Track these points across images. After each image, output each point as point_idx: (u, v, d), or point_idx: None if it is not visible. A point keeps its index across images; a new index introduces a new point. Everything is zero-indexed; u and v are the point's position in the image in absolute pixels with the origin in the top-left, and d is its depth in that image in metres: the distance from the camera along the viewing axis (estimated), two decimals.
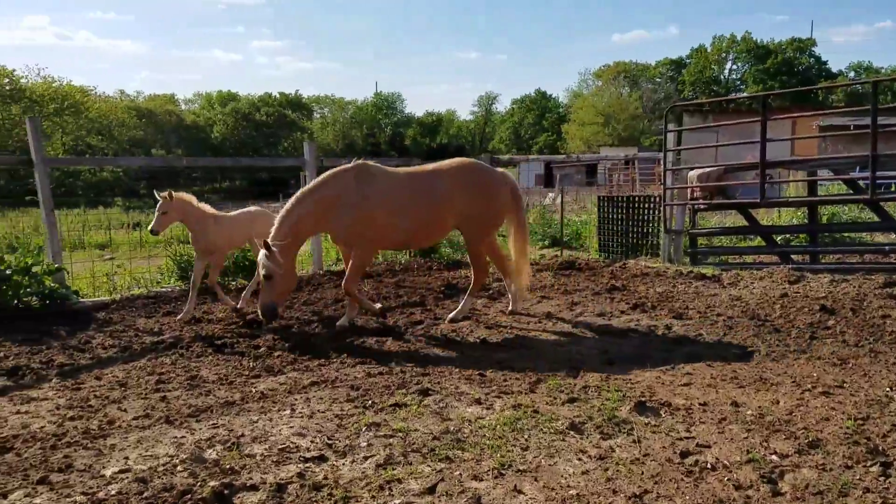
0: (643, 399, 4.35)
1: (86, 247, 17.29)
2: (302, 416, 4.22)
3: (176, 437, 3.95)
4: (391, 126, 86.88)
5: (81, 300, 7.45)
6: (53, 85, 55.19)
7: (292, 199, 6.12)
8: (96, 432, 4.01)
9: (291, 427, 4.04)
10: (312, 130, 75.80)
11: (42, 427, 4.09)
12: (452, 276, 9.55)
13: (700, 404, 4.32)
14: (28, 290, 6.72)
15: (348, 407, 4.37)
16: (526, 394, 4.57)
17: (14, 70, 53.73)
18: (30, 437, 3.92)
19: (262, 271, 5.93)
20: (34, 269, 6.79)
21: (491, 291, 8.34)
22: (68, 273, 7.82)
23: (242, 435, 3.93)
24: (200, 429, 4.06)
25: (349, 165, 6.33)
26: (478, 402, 4.42)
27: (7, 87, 52.27)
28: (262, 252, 5.89)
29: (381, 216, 6.16)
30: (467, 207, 6.47)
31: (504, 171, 6.99)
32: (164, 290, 8.35)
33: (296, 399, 4.54)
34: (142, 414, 4.32)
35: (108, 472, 3.48)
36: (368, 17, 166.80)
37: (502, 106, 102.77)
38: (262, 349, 5.74)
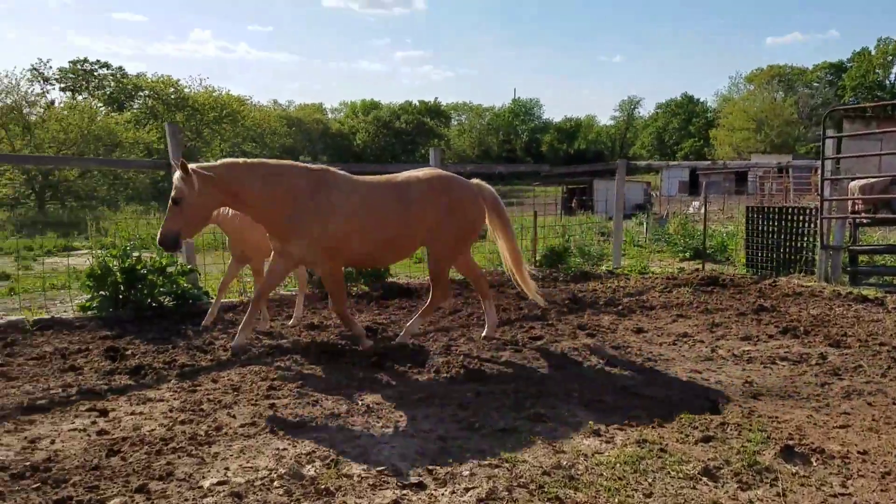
0: (791, 443, 3.75)
1: (218, 248, 18.19)
2: (405, 436, 3.98)
3: (278, 448, 3.83)
4: (528, 132, 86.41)
5: (211, 301, 7.68)
6: (214, 94, 59.47)
7: (255, 163, 5.51)
8: (203, 438, 3.97)
9: (393, 447, 3.82)
10: (449, 137, 76.92)
11: (152, 430, 4.11)
12: (579, 289, 9.06)
13: (859, 452, 3.67)
14: (162, 289, 6.99)
15: (454, 428, 4.09)
16: (653, 427, 4.09)
17: (179, 80, 58.53)
18: (138, 440, 3.93)
19: (172, 193, 5.28)
20: (169, 269, 7.05)
21: (620, 307, 7.79)
22: (200, 274, 8.11)
23: (343, 452, 3.75)
24: (303, 441, 3.92)
25: (313, 166, 5.81)
26: (596, 433, 3.99)
27: (172, 96, 56.93)
28: (178, 173, 5.24)
29: (339, 229, 5.54)
30: (437, 222, 5.88)
31: (479, 181, 6.38)
32: (288, 293, 8.48)
33: (401, 415, 4.32)
34: (249, 421, 4.25)
35: (206, 484, 3.39)
36: (510, 25, 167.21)
37: (645, 110, 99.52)
38: (374, 359, 5.59)
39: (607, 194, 22.37)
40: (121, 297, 6.75)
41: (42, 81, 55.95)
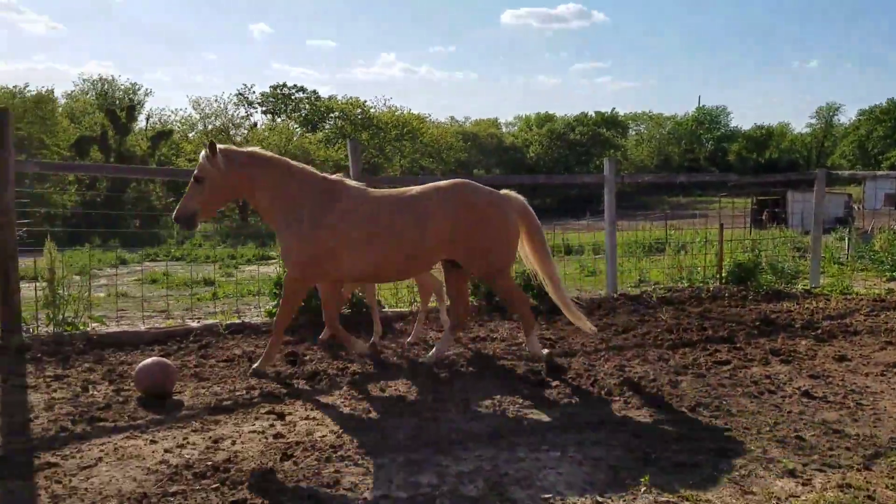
0: None
1: None
2: (573, 462, 3.75)
3: (440, 465, 3.75)
4: (713, 141, 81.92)
5: (383, 309, 7.86)
6: (396, 113, 62.43)
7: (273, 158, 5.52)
8: (370, 448, 3.99)
9: (560, 473, 3.61)
10: (626, 148, 74.81)
11: (323, 436, 4.20)
12: (772, 309, 8.26)
13: None
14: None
15: (627, 458, 3.80)
16: (858, 470, 3.56)
17: (365, 101, 62.06)
18: (310, 445, 4.03)
19: (195, 171, 5.33)
20: None
21: (819, 331, 6.98)
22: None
23: (506, 474, 3.60)
24: (465, 459, 3.82)
25: (330, 176, 5.63)
26: (791, 474, 3.53)
27: (359, 117, 60.44)
28: (205, 152, 5.28)
29: (341, 242, 5.34)
30: (458, 234, 5.47)
31: (508, 191, 5.88)
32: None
33: (569, 439, 4.09)
34: (412, 434, 4.23)
35: (369, 496, 3.39)
36: (693, 32, 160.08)
37: (846, 118, 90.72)
38: (541, 376, 5.39)
39: (803, 206, 20.52)
40: (303, 304, 7.09)
41: (246, 105, 61.77)
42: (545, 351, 5.95)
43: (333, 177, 5.68)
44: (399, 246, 5.41)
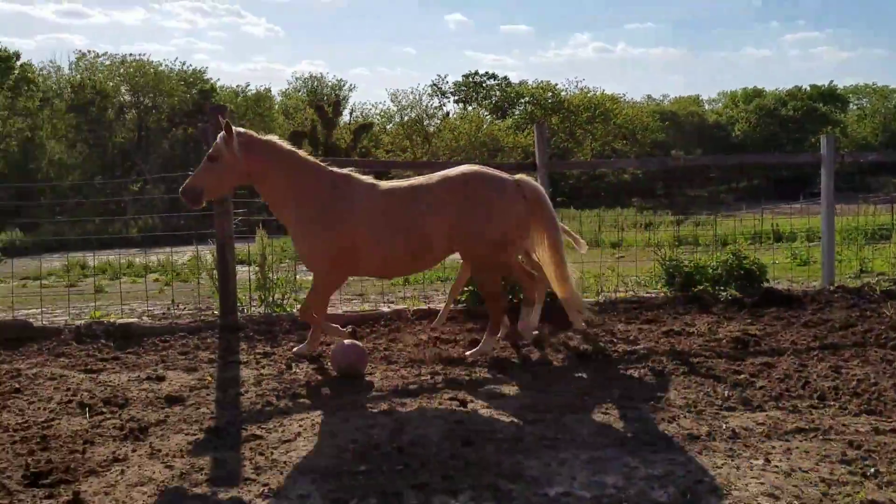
0: None
1: (600, 245, 18.35)
2: (777, 472, 3.40)
3: (628, 465, 3.57)
4: None
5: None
6: (588, 95, 61.06)
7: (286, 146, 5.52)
8: (550, 442, 3.90)
9: (762, 483, 3.28)
10: (846, 124, 67.40)
11: (504, 426, 4.16)
12: None
13: None
14: None
15: (841, 470, 3.38)
16: None
17: (556, 84, 61.37)
18: (491, 434, 4.01)
19: (210, 150, 5.31)
20: None
21: None
22: None
23: (701, 481, 3.33)
24: (655, 461, 3.59)
25: (338, 170, 5.58)
26: None
27: (550, 100, 59.94)
28: (222, 133, 5.24)
29: (345, 237, 5.35)
30: (461, 224, 5.35)
31: (522, 176, 5.66)
32: (648, 295, 8.11)
33: (773, 447, 3.71)
34: (596, 430, 4.07)
35: (551, 492, 3.29)
36: None
37: None
38: (743, 376, 4.95)
39: None
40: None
41: (440, 95, 63.64)
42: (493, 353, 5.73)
43: (341, 171, 5.67)
44: (406, 241, 5.40)
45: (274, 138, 5.57)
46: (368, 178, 5.62)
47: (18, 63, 44.09)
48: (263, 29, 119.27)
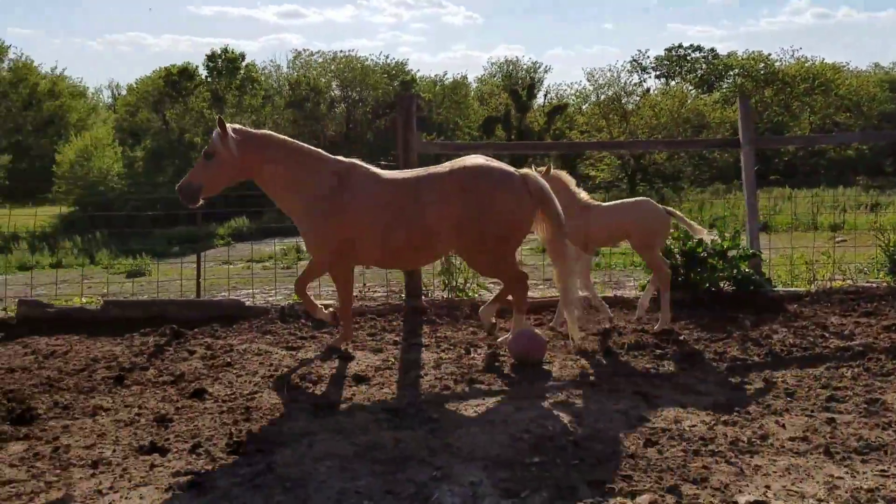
0: None
1: (818, 228, 16.65)
2: None
3: (831, 475, 3.20)
4: None
5: (775, 289, 7.02)
6: (805, 65, 55.50)
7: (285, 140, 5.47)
8: (745, 446, 3.58)
9: None
10: None
11: (692, 426, 3.89)
12: None
13: None
14: (721, 273, 6.68)
15: None
16: None
17: (769, 54, 56.47)
18: (677, 434, 3.76)
19: (206, 147, 5.29)
20: (730, 253, 6.69)
21: None
22: (765, 260, 7.49)
23: None
24: (865, 472, 3.20)
25: (343, 159, 5.46)
26: None
27: (762, 72, 55.32)
28: (217, 130, 5.17)
29: (348, 229, 5.27)
30: (463, 220, 5.15)
31: (527, 170, 5.38)
32: (868, 284, 7.20)
33: None
34: (800, 435, 3.68)
35: (740, 500, 3.02)
36: None
37: None
38: None
39: None
40: (680, 279, 6.70)
41: (640, 71, 61.14)
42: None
43: (346, 161, 5.48)
44: (408, 233, 5.24)
45: (270, 132, 5.63)
46: (373, 169, 5.54)
47: (244, 64, 48.88)
48: (462, 17, 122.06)
